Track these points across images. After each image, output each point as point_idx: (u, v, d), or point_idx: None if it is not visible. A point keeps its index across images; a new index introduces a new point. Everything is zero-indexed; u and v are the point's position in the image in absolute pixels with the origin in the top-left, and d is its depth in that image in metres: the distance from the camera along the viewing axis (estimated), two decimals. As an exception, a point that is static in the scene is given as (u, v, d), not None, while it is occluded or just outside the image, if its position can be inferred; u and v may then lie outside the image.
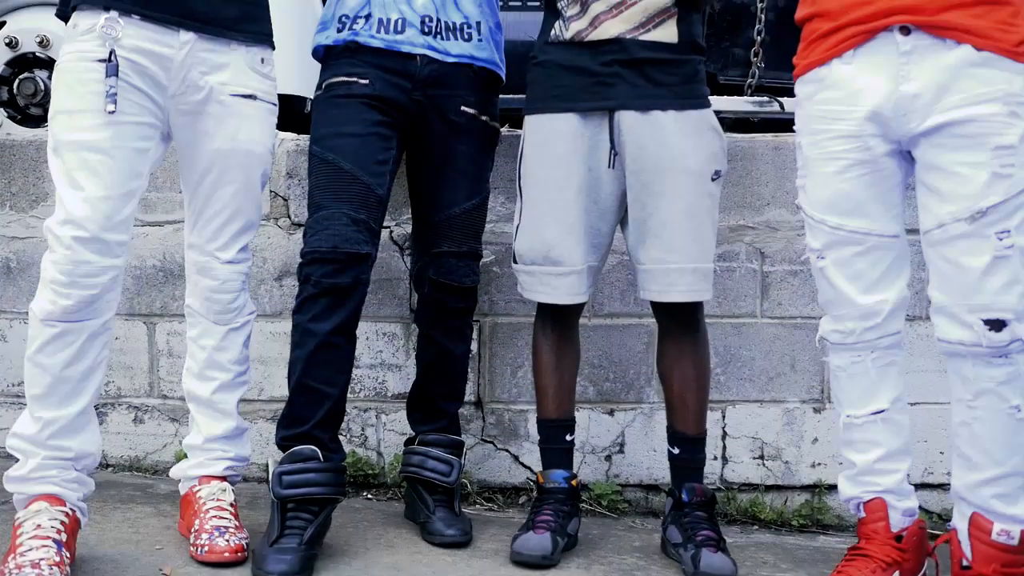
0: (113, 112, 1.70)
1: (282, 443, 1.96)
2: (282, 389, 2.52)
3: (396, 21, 2.06)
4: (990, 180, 1.63)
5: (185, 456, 2.09)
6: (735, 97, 3.20)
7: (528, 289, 2.07)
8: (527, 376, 2.51)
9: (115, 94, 1.71)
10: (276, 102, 1.97)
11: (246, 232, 1.97)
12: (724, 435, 2.57)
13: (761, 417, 2.56)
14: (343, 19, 2.09)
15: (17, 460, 1.79)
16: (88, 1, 1.79)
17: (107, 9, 1.77)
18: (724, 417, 2.57)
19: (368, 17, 2.07)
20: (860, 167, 1.75)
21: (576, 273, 2.00)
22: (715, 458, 2.54)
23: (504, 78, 2.23)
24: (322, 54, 2.13)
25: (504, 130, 2.50)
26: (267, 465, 2.03)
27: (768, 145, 2.54)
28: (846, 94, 1.74)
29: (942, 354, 1.77)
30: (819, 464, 2.55)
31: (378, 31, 2.06)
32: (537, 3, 2.12)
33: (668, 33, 1.96)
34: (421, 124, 2.09)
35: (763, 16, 3.15)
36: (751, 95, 3.23)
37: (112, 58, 1.73)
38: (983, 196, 1.63)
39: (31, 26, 3.12)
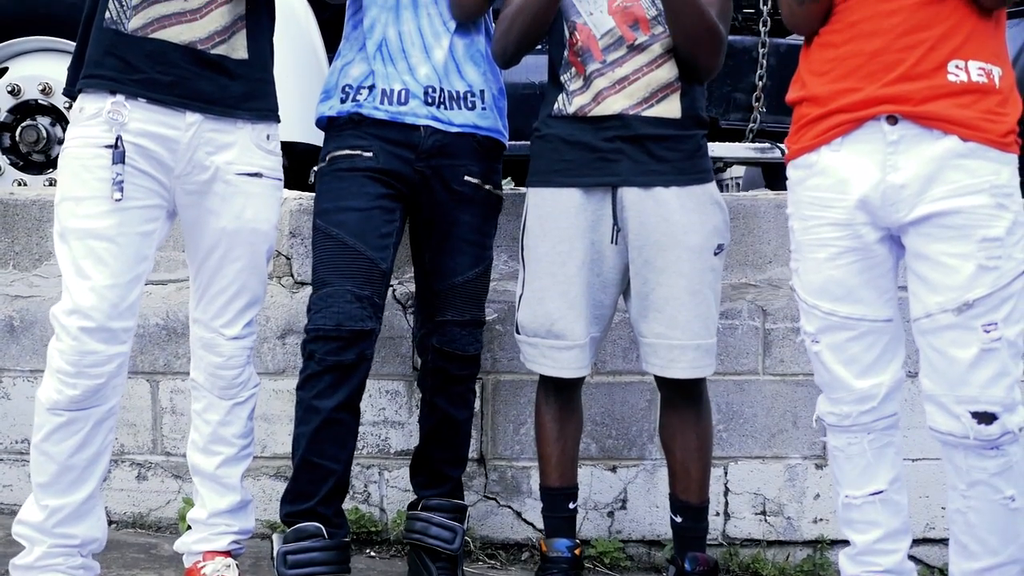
0: (120, 200, 1.71)
1: (286, 519, 1.97)
2: (284, 447, 2.54)
3: (399, 92, 2.07)
4: (976, 272, 1.63)
5: (188, 527, 2.10)
6: (736, 144, 3.20)
7: (531, 360, 2.07)
8: (529, 433, 2.51)
9: (122, 181, 1.72)
10: (281, 176, 1.98)
11: (251, 307, 1.97)
12: (726, 491, 2.58)
13: (763, 473, 2.57)
14: (346, 89, 2.10)
15: (23, 547, 1.80)
16: (94, 85, 1.79)
17: (113, 93, 1.78)
18: (726, 473, 2.57)
19: (372, 88, 2.07)
20: (851, 254, 1.75)
21: (579, 347, 2.01)
22: (717, 514, 2.55)
23: (507, 144, 2.23)
24: (325, 124, 2.13)
25: (508, 188, 2.51)
26: (271, 535, 2.04)
27: (770, 203, 2.55)
28: (835, 181, 1.74)
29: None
30: (821, 519, 2.56)
31: (381, 102, 2.06)
32: (542, 48, 2.11)
33: (671, 108, 1.97)
34: (424, 194, 2.09)
35: (765, 61, 3.15)
36: (752, 140, 3.24)
37: (119, 144, 1.74)
38: (969, 288, 1.63)
39: (33, 73, 3.11)
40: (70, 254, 1.73)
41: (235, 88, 1.87)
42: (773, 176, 4.25)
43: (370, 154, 2.03)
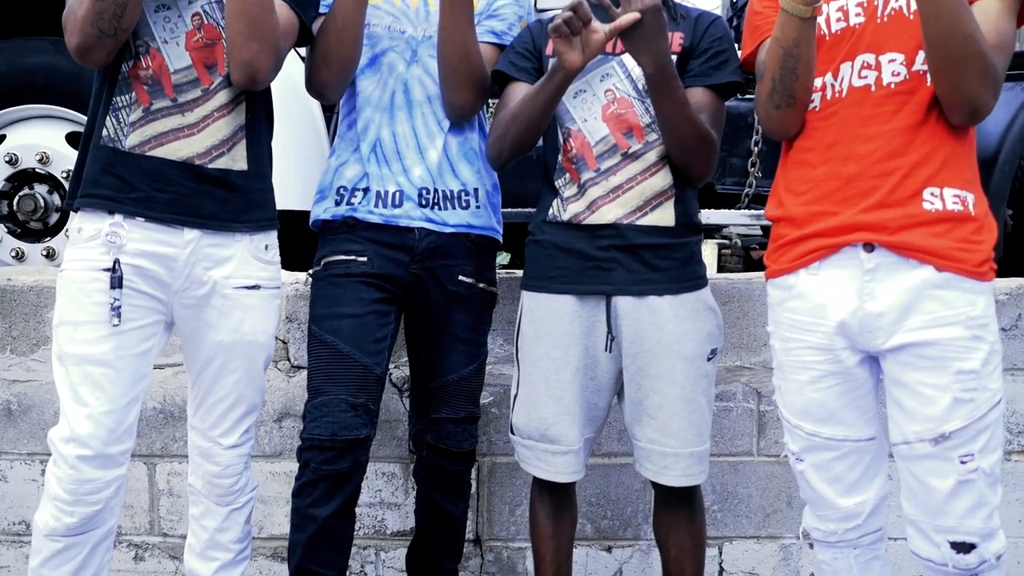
0: (117, 325, 1.72)
1: (285, 623, 1.99)
2: (282, 527, 2.56)
3: (394, 194, 2.07)
4: (952, 405, 1.64)
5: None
6: (731, 210, 3.22)
7: (525, 462, 2.08)
8: (525, 514, 2.53)
9: (119, 307, 1.72)
10: (279, 285, 1.98)
11: (249, 415, 1.97)
12: (721, 571, 2.59)
13: (758, 553, 2.59)
14: (341, 191, 2.11)
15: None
16: (92, 204, 1.79)
17: (111, 213, 1.78)
18: (721, 553, 2.59)
19: (366, 191, 2.08)
20: (832, 378, 1.76)
21: (573, 452, 2.01)
22: (712, 593, 2.57)
23: (501, 240, 2.24)
24: (320, 226, 2.14)
25: (503, 272, 2.52)
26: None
27: (765, 286, 2.55)
28: (814, 306, 1.75)
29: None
30: (815, 599, 2.57)
31: (376, 205, 2.07)
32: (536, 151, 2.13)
33: (665, 216, 1.97)
34: (419, 294, 2.10)
35: (760, 126, 3.17)
36: (748, 206, 3.25)
37: (116, 268, 1.74)
38: (946, 420, 1.64)
39: (31, 142, 3.12)
40: (68, 379, 1.74)
41: (234, 201, 1.86)
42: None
43: (364, 259, 2.04)
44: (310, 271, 2.13)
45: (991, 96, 1.64)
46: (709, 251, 3.53)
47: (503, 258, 3.64)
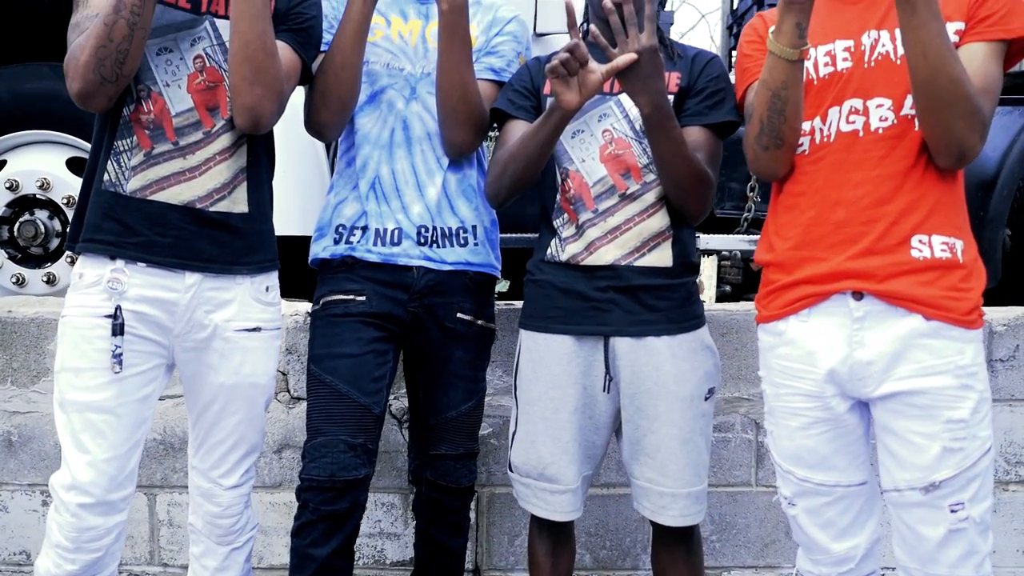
0: (119, 372, 1.72)
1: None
2: (281, 558, 2.56)
3: (393, 232, 2.08)
4: (942, 454, 1.64)
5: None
6: (730, 236, 3.22)
7: (523, 499, 2.09)
8: (524, 544, 2.54)
9: (120, 354, 1.73)
10: (280, 326, 1.98)
11: (249, 455, 1.98)
12: (720, 600, 2.60)
13: (756, 583, 2.59)
14: (340, 230, 2.11)
15: None
16: (93, 249, 1.79)
17: (113, 258, 1.78)
18: (720, 582, 2.60)
19: (365, 229, 2.09)
20: (822, 424, 1.76)
21: (571, 491, 2.02)
22: (711, 623, 2.57)
23: (499, 275, 2.25)
24: (319, 264, 2.15)
25: (502, 304, 2.53)
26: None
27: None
28: (804, 353, 1.76)
29: None
30: (814, 628, 2.57)
31: (375, 243, 2.08)
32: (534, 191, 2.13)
33: (662, 257, 1.98)
34: (417, 332, 2.11)
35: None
36: (747, 230, 3.25)
37: (118, 315, 1.74)
38: (935, 469, 1.65)
39: (32, 168, 3.12)
40: (69, 426, 1.74)
41: (235, 244, 1.86)
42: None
43: (363, 298, 2.05)
44: (309, 311, 2.13)
45: (978, 139, 1.65)
46: (709, 264, 3.55)
47: (502, 285, 3.65)
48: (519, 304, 2.16)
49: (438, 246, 2.10)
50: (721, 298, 6.95)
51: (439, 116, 2.08)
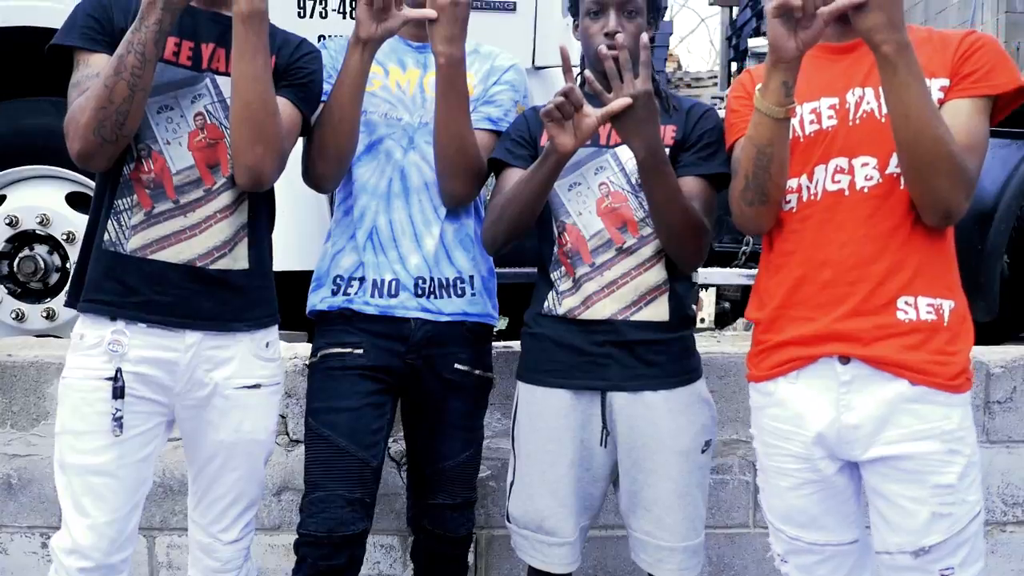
0: (119, 435, 1.73)
1: None
2: (281, 599, 2.57)
3: (390, 283, 2.09)
4: (931, 519, 1.65)
5: None
6: (727, 269, 3.23)
7: (521, 551, 2.09)
8: (523, 586, 2.54)
9: (121, 417, 1.74)
10: (280, 380, 1.99)
11: (249, 509, 1.98)
12: (718, 642, 2.61)
13: (754, 624, 2.60)
14: (338, 281, 2.12)
15: None
16: (94, 310, 1.80)
17: (113, 319, 1.79)
18: (718, 624, 2.60)
19: (362, 280, 2.09)
20: (812, 485, 1.77)
21: (569, 544, 2.03)
22: (709, 665, 2.58)
23: (497, 324, 2.26)
24: (316, 316, 2.15)
25: (500, 346, 2.54)
26: None
27: (760, 360, 2.57)
28: (793, 414, 1.77)
29: None
30: (812, 669, 2.58)
31: (372, 295, 2.08)
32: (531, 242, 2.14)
33: (659, 311, 1.99)
34: (414, 383, 2.11)
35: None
36: (745, 264, 3.26)
37: (118, 378, 1.75)
38: (925, 534, 1.65)
39: (32, 204, 3.15)
40: (69, 489, 1.75)
41: (235, 300, 1.87)
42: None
43: (361, 351, 2.05)
44: (307, 362, 2.14)
45: (964, 198, 1.65)
46: (708, 292, 3.56)
47: (501, 323, 3.65)
48: (517, 345, 2.16)
49: (436, 297, 2.11)
50: (720, 315, 6.96)
51: (437, 167, 2.08)
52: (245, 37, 1.75)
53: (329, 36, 3.18)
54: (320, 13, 3.21)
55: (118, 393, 1.74)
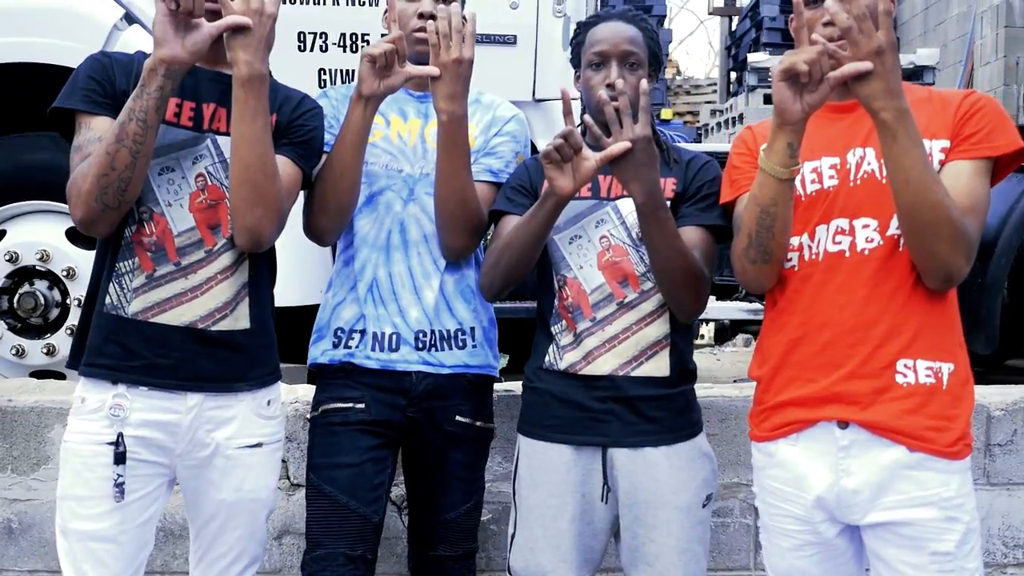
0: (120, 501, 1.73)
1: None
2: (282, 643, 2.57)
3: (391, 336, 2.08)
4: None
5: None
6: (727, 303, 3.23)
7: (523, 603, 2.09)
8: (524, 629, 2.53)
9: (123, 483, 1.73)
10: (281, 437, 1.99)
11: (251, 567, 1.97)
12: None
13: (755, 666, 2.60)
14: (339, 332, 2.12)
15: None
16: (95, 374, 1.80)
17: (115, 383, 1.79)
18: (719, 667, 2.60)
19: (363, 333, 2.09)
20: (812, 547, 1.78)
21: (570, 598, 2.03)
22: None
23: (498, 374, 2.25)
24: (317, 368, 2.15)
25: (500, 389, 2.53)
26: None
27: (761, 404, 2.57)
28: (793, 477, 1.77)
29: None
30: None
31: (373, 349, 2.08)
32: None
33: (660, 366, 1.99)
34: (415, 436, 2.11)
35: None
36: (744, 297, 3.26)
37: (120, 442, 1.75)
38: None
39: (32, 239, 3.15)
40: (71, 554, 1.75)
41: (237, 360, 1.86)
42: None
43: (362, 405, 2.05)
44: (308, 416, 2.14)
45: (964, 262, 1.66)
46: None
47: (502, 361, 3.64)
48: (518, 388, 2.16)
49: (436, 350, 2.10)
50: (719, 332, 6.92)
51: (437, 220, 2.08)
52: (245, 100, 1.75)
53: (329, 71, 3.20)
54: (320, 47, 3.22)
55: (119, 459, 1.74)
